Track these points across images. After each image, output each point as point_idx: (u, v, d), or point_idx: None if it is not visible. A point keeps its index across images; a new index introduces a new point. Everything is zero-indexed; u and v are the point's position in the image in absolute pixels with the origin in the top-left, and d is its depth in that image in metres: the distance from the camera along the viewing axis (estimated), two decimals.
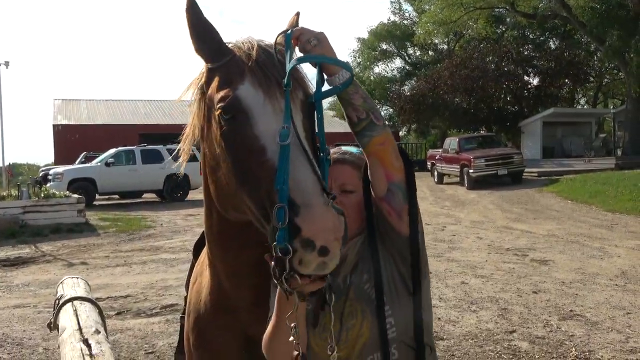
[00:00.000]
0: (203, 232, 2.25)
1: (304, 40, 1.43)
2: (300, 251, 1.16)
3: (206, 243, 1.85)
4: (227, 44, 1.52)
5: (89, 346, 2.43)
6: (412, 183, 1.59)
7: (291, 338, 1.31)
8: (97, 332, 2.60)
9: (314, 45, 1.43)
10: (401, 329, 1.56)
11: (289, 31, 1.44)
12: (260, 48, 1.47)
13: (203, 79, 1.56)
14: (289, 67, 1.36)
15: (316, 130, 1.44)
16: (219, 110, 1.41)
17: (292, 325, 1.30)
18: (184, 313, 2.39)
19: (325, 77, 1.45)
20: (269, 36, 1.55)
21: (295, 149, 1.28)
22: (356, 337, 1.56)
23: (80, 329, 2.60)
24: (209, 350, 1.90)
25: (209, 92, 1.51)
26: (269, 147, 1.32)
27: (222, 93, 1.42)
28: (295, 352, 1.32)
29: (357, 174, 1.69)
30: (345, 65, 1.44)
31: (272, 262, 1.20)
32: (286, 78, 1.35)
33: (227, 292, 1.78)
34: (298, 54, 1.44)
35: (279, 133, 1.29)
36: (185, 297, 2.36)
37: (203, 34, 1.49)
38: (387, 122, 1.58)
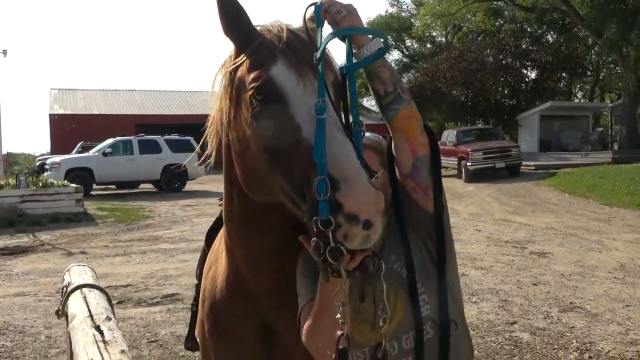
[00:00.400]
0: (216, 219, 2.23)
1: (334, 12, 1.42)
2: (345, 225, 1.14)
3: (224, 229, 1.82)
4: (256, 27, 1.52)
5: (101, 333, 2.41)
6: (437, 158, 1.57)
7: (338, 315, 1.27)
8: (108, 318, 2.58)
9: (344, 16, 1.42)
10: (434, 306, 1.54)
11: (319, 3, 1.43)
12: (289, 31, 1.47)
13: (231, 63, 1.55)
14: (325, 39, 1.35)
15: (348, 102, 1.43)
16: (251, 91, 1.40)
17: (340, 303, 1.26)
18: (195, 301, 2.38)
19: (354, 50, 1.44)
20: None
21: (331, 124, 1.27)
22: (390, 317, 1.52)
23: (91, 315, 2.58)
24: (225, 337, 1.88)
25: (239, 74, 1.50)
26: (304, 126, 1.31)
27: (254, 74, 1.42)
28: (340, 332, 1.27)
29: (376, 157, 1.66)
30: (380, 35, 1.44)
31: (314, 239, 1.16)
32: (319, 52, 1.34)
33: (246, 278, 1.77)
34: (327, 28, 1.42)
35: (315, 107, 1.27)
36: (197, 285, 2.34)
37: (233, 17, 1.49)
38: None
